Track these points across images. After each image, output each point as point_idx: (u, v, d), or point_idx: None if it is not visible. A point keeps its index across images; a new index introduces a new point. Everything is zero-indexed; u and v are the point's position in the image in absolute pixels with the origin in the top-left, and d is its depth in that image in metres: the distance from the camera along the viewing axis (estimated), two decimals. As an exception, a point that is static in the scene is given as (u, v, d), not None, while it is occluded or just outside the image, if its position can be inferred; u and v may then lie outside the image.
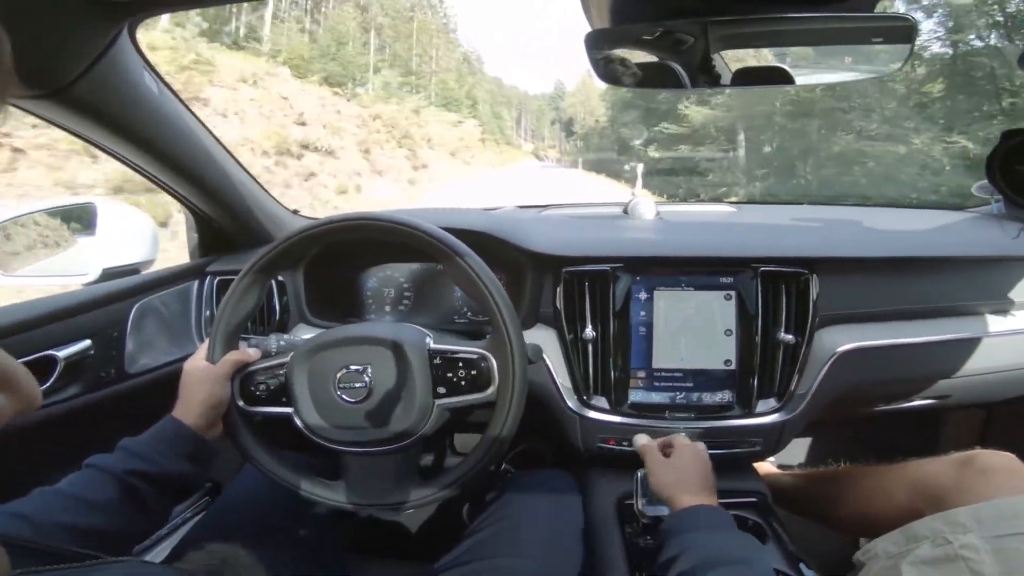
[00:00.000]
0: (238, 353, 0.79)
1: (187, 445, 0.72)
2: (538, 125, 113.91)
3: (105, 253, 1.03)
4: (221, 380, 0.77)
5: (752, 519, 0.92)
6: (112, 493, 0.64)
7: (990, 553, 0.67)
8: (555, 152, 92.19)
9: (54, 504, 0.61)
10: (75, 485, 0.64)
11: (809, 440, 1.65)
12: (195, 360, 0.79)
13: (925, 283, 1.07)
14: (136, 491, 0.66)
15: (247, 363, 0.79)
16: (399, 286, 1.20)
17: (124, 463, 0.66)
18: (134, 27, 0.75)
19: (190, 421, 0.73)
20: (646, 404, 1.01)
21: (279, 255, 0.77)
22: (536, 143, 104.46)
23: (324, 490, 0.79)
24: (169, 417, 0.74)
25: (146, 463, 0.67)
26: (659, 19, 0.69)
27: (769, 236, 1.17)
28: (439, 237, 0.74)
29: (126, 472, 0.66)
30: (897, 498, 0.88)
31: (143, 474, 0.67)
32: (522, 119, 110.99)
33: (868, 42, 0.74)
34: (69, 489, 0.63)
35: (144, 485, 0.66)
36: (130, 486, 0.65)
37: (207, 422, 0.75)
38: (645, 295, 1.02)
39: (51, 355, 0.86)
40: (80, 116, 0.78)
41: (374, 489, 0.78)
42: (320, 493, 0.79)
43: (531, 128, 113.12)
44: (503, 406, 0.75)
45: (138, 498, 0.66)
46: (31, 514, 0.58)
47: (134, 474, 0.66)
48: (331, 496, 0.79)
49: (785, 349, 0.98)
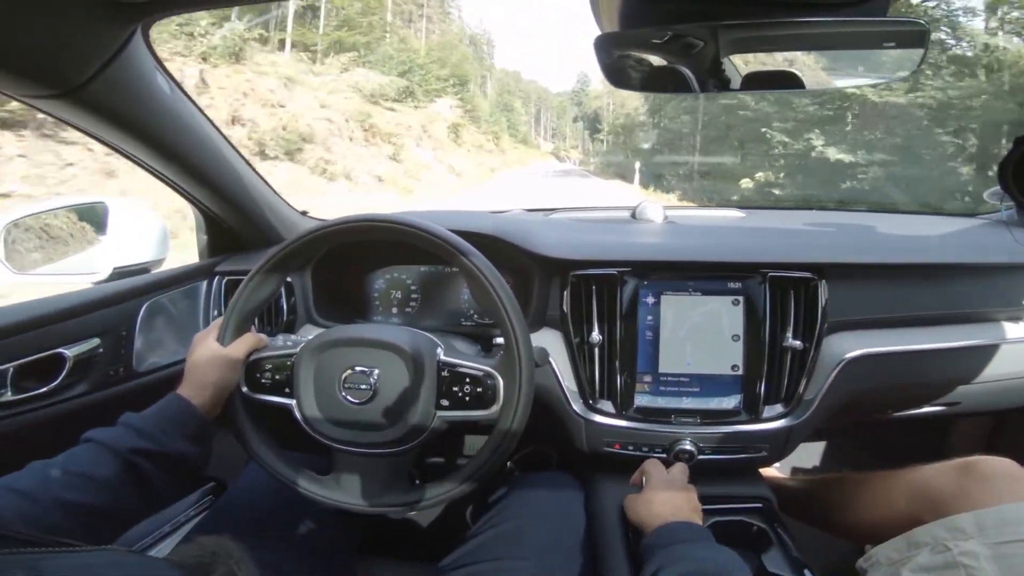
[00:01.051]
0: (251, 337, 0.79)
1: (192, 425, 0.70)
2: (559, 123, 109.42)
3: (116, 252, 1.04)
4: (234, 365, 0.76)
5: (757, 525, 0.91)
6: (115, 470, 0.62)
7: (990, 560, 0.67)
8: (578, 152, 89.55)
9: (54, 480, 0.58)
10: (76, 461, 0.62)
11: (816, 446, 1.64)
12: (207, 340, 0.77)
13: (935, 289, 1.06)
14: (140, 470, 0.63)
15: (258, 348, 0.79)
16: (406, 288, 1.20)
17: (128, 440, 0.64)
18: (148, 27, 0.75)
19: (197, 402, 0.71)
20: (652, 409, 1.00)
21: (294, 252, 0.77)
22: (557, 142, 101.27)
23: (312, 484, 0.79)
24: (175, 395, 0.72)
25: (151, 441, 0.65)
26: (669, 23, 0.69)
27: (778, 241, 1.17)
28: (448, 239, 0.74)
29: (130, 450, 0.63)
30: (898, 504, 0.87)
31: (147, 452, 0.64)
32: (541, 116, 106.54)
33: (880, 47, 0.73)
34: (69, 465, 0.61)
35: (148, 464, 0.64)
36: (134, 464, 0.63)
37: (213, 404, 0.74)
38: (652, 299, 1.02)
39: (60, 353, 0.86)
40: (93, 116, 0.79)
41: (362, 490, 0.78)
42: (308, 487, 0.78)
43: (552, 126, 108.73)
44: (504, 426, 0.75)
45: (141, 477, 0.64)
46: (30, 489, 0.56)
47: (138, 452, 0.64)
48: (318, 491, 0.78)
49: (793, 355, 0.97)
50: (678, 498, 0.83)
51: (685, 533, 0.75)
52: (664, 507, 0.81)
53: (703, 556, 0.69)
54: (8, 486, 0.56)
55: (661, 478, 0.88)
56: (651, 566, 0.68)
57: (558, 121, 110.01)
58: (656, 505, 0.82)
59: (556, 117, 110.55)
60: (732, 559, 0.69)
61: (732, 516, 0.93)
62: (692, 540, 0.73)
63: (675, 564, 0.66)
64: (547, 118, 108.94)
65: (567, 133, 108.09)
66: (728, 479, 1.01)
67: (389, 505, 0.77)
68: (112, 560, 0.46)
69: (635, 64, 0.76)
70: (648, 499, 0.84)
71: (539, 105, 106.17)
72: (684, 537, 0.73)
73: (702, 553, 0.70)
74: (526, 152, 66.51)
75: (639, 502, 0.85)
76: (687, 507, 0.82)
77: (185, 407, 0.71)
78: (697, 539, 0.73)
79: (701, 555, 0.69)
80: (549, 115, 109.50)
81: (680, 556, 0.68)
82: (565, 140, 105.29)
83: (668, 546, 0.71)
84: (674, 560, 0.67)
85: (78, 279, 1.06)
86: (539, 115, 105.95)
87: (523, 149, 67.14)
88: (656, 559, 0.69)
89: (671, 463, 0.95)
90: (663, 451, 0.98)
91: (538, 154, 75.43)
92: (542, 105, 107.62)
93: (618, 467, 1.00)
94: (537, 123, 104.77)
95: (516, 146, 61.13)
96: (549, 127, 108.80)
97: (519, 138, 69.04)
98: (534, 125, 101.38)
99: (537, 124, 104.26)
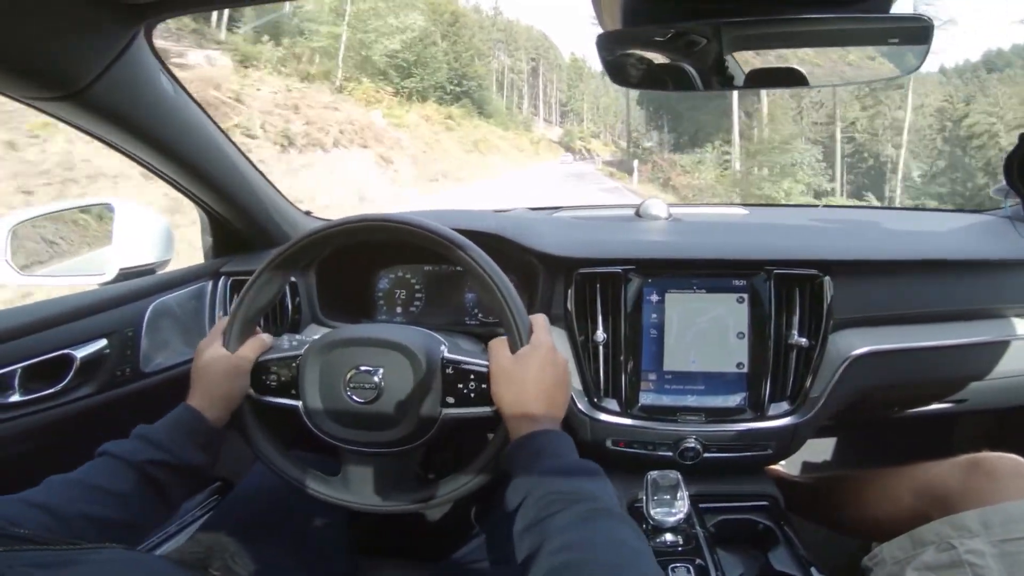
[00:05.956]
0: (256, 340, 0.78)
1: (203, 435, 0.71)
2: (571, 96, 75.34)
3: (122, 253, 1.05)
4: (243, 374, 0.76)
5: (763, 523, 0.91)
6: (133, 483, 0.63)
7: (996, 558, 0.67)
8: (603, 145, 63.78)
9: (76, 495, 0.59)
10: (94, 475, 0.62)
11: (822, 444, 1.64)
12: (212, 348, 0.76)
13: (940, 286, 1.06)
14: (156, 481, 0.64)
15: (263, 351, 0.79)
16: (410, 287, 1.20)
17: (144, 453, 0.65)
18: (151, 29, 0.76)
19: (207, 413, 0.72)
20: (657, 407, 1.00)
21: (298, 252, 0.78)
22: (569, 126, 69.05)
23: (320, 484, 0.79)
24: (185, 406, 0.72)
25: (166, 453, 0.66)
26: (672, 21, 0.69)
27: (783, 238, 1.16)
28: (451, 238, 0.74)
29: (146, 462, 0.64)
30: (904, 502, 0.87)
31: (163, 464, 0.65)
32: (540, 75, 71.72)
33: (884, 43, 0.73)
34: (88, 479, 0.61)
35: (164, 475, 0.65)
36: (150, 476, 0.64)
37: (223, 413, 0.74)
38: (657, 297, 1.02)
39: (68, 354, 0.87)
40: (97, 118, 0.79)
41: (371, 489, 0.78)
42: (316, 488, 0.79)
43: (560, 100, 74.86)
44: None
45: (159, 488, 0.65)
46: (55, 505, 0.56)
47: (154, 464, 0.65)
48: (326, 491, 0.79)
49: (798, 352, 0.97)
50: (549, 378, 0.68)
51: (553, 448, 0.63)
52: (537, 399, 0.66)
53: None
54: (29, 501, 0.56)
55: (546, 341, 0.70)
56: (521, 516, 0.57)
57: (570, 93, 75.99)
58: (531, 384, 0.66)
59: (568, 87, 76.36)
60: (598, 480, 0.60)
61: (738, 514, 0.93)
62: (561, 472, 0.60)
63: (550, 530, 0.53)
64: (552, 88, 73.97)
65: (585, 113, 74.60)
66: (734, 477, 1.01)
67: (399, 503, 0.77)
68: (111, 557, 0.46)
69: (637, 62, 0.76)
70: (524, 373, 0.67)
71: (538, 59, 71.69)
72: (553, 466, 0.61)
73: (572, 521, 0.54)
74: (517, 138, 44.10)
75: (513, 377, 0.67)
76: (560, 395, 0.69)
77: (196, 418, 0.71)
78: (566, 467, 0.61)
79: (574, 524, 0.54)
80: (556, 82, 74.46)
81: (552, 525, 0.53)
82: (583, 123, 72.74)
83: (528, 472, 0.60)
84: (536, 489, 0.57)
85: (84, 280, 1.06)
86: (544, 85, 72.22)
87: (522, 136, 46.85)
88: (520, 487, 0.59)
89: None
90: (668, 449, 0.98)
91: (537, 147, 48.70)
92: (541, 59, 72.29)
93: (623, 465, 1.00)
94: (534, 94, 70.35)
95: (503, 131, 40.62)
96: (556, 102, 74.82)
97: (500, 120, 43.20)
98: (528, 96, 67.78)
99: (534, 96, 70.33)
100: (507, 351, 0.69)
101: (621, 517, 0.54)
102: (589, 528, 0.52)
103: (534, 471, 0.60)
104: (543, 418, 0.66)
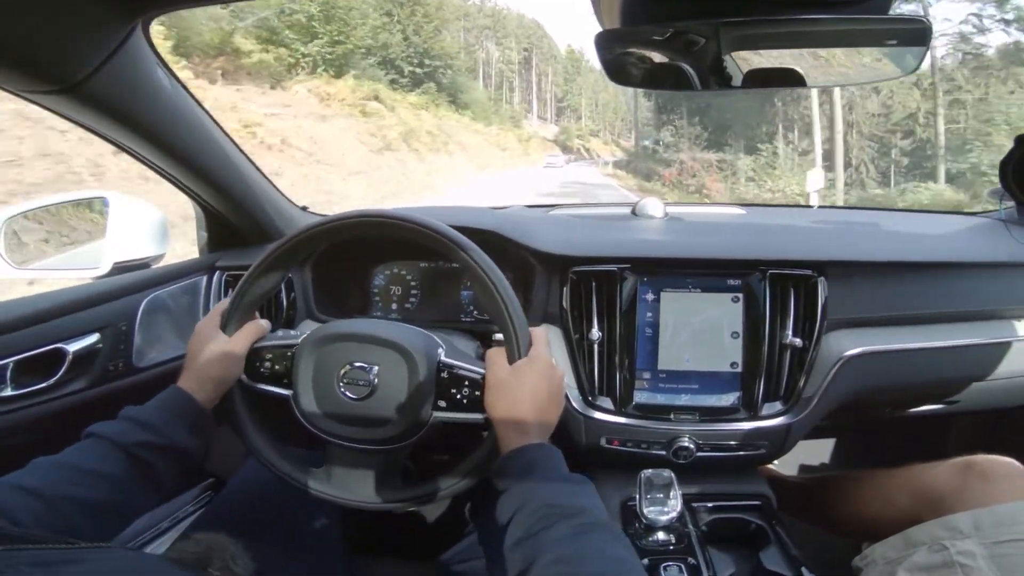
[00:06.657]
0: (254, 326, 0.78)
1: (192, 417, 0.70)
2: (568, 92, 71.25)
3: (116, 247, 1.04)
4: (238, 360, 0.75)
5: (756, 522, 0.91)
6: (121, 465, 0.62)
7: (987, 559, 0.67)
8: (604, 145, 61.05)
9: (63, 477, 0.58)
10: (83, 457, 0.61)
11: (815, 444, 1.64)
12: (210, 330, 0.76)
13: (934, 288, 1.06)
14: (145, 463, 0.63)
15: (260, 336, 0.78)
16: (406, 284, 1.20)
17: (132, 434, 0.64)
18: (148, 23, 0.75)
19: (197, 395, 0.71)
20: (651, 406, 1.00)
21: (296, 246, 0.77)
22: (565, 123, 65.69)
23: (303, 475, 0.78)
24: (176, 388, 0.71)
25: (154, 434, 0.65)
26: (670, 20, 0.69)
27: (778, 238, 1.17)
28: (448, 235, 0.74)
29: (135, 444, 0.63)
30: (898, 503, 0.88)
31: (151, 445, 0.64)
32: (533, 67, 67.59)
33: (882, 44, 0.73)
34: (76, 461, 0.60)
35: (152, 457, 0.64)
36: (139, 458, 0.63)
37: (213, 397, 0.74)
38: (652, 296, 1.02)
39: (60, 348, 0.86)
40: (94, 112, 0.79)
41: (353, 484, 0.77)
42: (298, 477, 0.78)
43: (557, 95, 70.76)
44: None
45: (147, 470, 0.64)
46: (40, 488, 0.55)
47: (142, 445, 0.63)
48: (308, 482, 0.78)
49: (792, 352, 0.97)
50: (543, 393, 0.68)
51: (544, 462, 0.62)
52: (530, 412, 0.66)
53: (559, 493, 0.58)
54: (16, 484, 0.56)
55: (545, 356, 0.70)
56: (513, 530, 0.57)
57: (566, 87, 72.72)
58: (526, 397, 0.66)
59: (564, 82, 73.33)
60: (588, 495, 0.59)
61: (731, 514, 0.94)
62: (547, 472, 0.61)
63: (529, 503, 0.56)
64: (550, 83, 70.21)
65: (583, 109, 71.79)
66: (727, 476, 1.01)
67: (380, 501, 0.77)
68: (111, 556, 0.46)
69: (636, 61, 0.76)
70: (520, 386, 0.67)
71: (531, 49, 67.70)
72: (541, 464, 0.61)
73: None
74: (501, 135, 39.41)
75: (508, 389, 0.67)
76: (552, 410, 0.69)
77: (186, 400, 0.70)
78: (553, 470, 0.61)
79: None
80: (551, 76, 70.58)
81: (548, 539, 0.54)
82: (580, 120, 69.73)
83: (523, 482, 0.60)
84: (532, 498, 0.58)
85: (78, 274, 1.05)
86: (537, 78, 67.70)
87: (509, 132, 42.91)
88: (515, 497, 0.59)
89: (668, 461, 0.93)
90: (662, 448, 0.98)
91: (526, 145, 43.91)
92: (534, 49, 68.46)
93: (617, 464, 1.00)
94: (527, 88, 65.89)
95: (483, 126, 36.31)
96: (551, 97, 71.09)
97: (490, 119, 39.84)
98: (520, 89, 63.83)
99: (528, 89, 65.70)
100: (505, 362, 0.69)
101: (613, 531, 0.55)
102: (582, 542, 0.52)
103: (525, 485, 0.60)
104: (534, 432, 0.66)
